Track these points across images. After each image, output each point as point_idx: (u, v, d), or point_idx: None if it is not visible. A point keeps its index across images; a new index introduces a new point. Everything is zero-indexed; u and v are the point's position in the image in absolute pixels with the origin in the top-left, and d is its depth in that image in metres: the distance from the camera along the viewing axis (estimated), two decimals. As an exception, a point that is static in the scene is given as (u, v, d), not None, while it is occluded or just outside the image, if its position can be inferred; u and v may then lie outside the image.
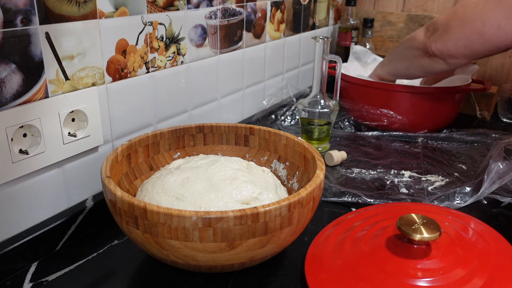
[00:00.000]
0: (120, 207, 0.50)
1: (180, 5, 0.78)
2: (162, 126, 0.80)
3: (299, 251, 0.61)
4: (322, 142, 0.95)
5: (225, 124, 0.73)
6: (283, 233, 0.51)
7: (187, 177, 0.61)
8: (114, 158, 0.60)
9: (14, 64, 0.53)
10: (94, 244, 0.63)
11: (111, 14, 0.65)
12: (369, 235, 0.59)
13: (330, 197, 0.76)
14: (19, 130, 0.56)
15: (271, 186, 0.63)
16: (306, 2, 1.23)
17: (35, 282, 0.56)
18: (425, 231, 0.54)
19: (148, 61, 0.74)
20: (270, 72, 1.13)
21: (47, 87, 0.58)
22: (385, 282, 0.51)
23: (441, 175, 0.85)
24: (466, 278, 0.51)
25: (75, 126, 0.63)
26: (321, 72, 0.91)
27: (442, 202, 0.74)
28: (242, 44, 0.98)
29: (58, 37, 0.58)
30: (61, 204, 0.64)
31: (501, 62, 1.30)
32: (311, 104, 0.93)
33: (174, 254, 0.50)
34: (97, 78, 0.65)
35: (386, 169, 0.86)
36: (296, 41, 1.23)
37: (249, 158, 0.72)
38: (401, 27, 1.42)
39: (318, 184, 0.54)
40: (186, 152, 0.72)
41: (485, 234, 0.61)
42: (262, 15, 1.03)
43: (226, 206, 0.56)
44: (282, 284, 0.56)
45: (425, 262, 0.53)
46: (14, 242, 0.57)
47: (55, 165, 0.62)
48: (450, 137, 1.02)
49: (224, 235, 0.48)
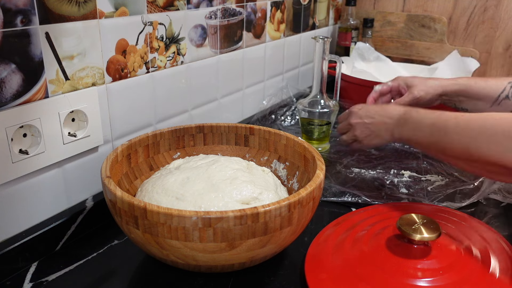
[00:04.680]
0: (120, 207, 0.50)
1: (180, 5, 0.78)
2: (162, 126, 0.80)
3: (299, 251, 0.61)
4: (322, 142, 0.95)
5: (225, 124, 0.72)
6: (283, 233, 0.51)
7: (187, 177, 0.61)
8: (114, 158, 0.59)
9: (14, 64, 0.53)
10: (94, 244, 0.63)
11: (111, 14, 0.65)
12: (369, 235, 0.59)
13: (330, 197, 0.76)
14: (19, 130, 0.56)
15: (271, 186, 0.63)
16: (306, 2, 1.23)
17: (35, 282, 0.56)
18: (425, 231, 0.54)
19: (148, 61, 0.74)
20: (270, 72, 1.13)
21: (47, 87, 0.58)
22: (385, 282, 0.51)
23: (441, 175, 0.85)
24: (466, 278, 0.51)
25: (75, 126, 0.63)
26: (321, 72, 0.91)
27: (442, 202, 0.74)
28: (242, 44, 0.98)
29: (58, 37, 0.58)
30: (61, 204, 0.64)
31: (501, 63, 1.30)
32: (311, 104, 0.93)
33: (174, 254, 0.50)
34: (97, 78, 0.65)
35: (386, 169, 0.86)
36: (296, 41, 1.23)
37: (249, 158, 0.72)
38: (401, 27, 1.42)
39: (318, 184, 0.54)
40: (186, 152, 0.72)
41: (485, 234, 0.61)
42: (262, 15, 1.03)
43: (226, 206, 0.56)
44: (282, 284, 0.56)
45: (425, 262, 0.53)
46: (14, 242, 0.57)
47: (55, 165, 0.62)
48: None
49: (224, 235, 0.48)
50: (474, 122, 0.60)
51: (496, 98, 0.81)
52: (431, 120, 0.66)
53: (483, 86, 0.81)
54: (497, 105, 0.82)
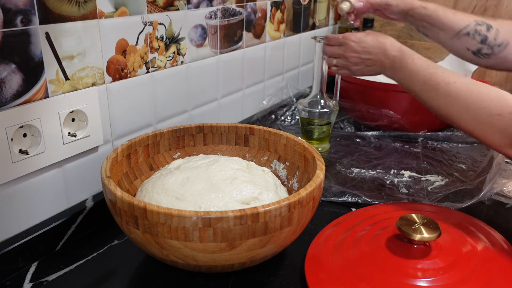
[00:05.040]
0: (120, 207, 0.50)
1: (180, 5, 0.78)
2: (162, 126, 0.80)
3: (299, 251, 0.61)
4: (322, 142, 0.95)
5: (225, 124, 0.72)
6: (283, 233, 0.51)
7: (187, 177, 0.61)
8: (114, 158, 0.59)
9: (14, 64, 0.53)
10: (94, 244, 0.63)
11: (111, 14, 0.65)
12: (369, 235, 0.59)
13: (330, 197, 0.76)
14: (19, 130, 0.56)
15: (271, 186, 0.63)
16: (306, 2, 1.23)
17: (35, 282, 0.56)
18: (425, 231, 0.54)
19: (148, 61, 0.74)
20: (270, 72, 1.13)
21: (47, 87, 0.58)
22: (385, 282, 0.51)
23: (441, 175, 0.85)
24: (466, 278, 0.51)
25: (75, 126, 0.63)
26: (321, 72, 0.91)
27: (442, 202, 0.74)
28: (242, 44, 0.98)
29: (58, 37, 0.58)
30: (61, 204, 0.64)
31: (501, 62, 1.30)
32: (311, 104, 0.93)
33: (174, 254, 0.50)
34: (97, 78, 0.65)
35: (386, 169, 0.86)
36: (296, 41, 1.23)
37: (249, 158, 0.72)
38: (401, 27, 1.42)
39: (318, 184, 0.54)
40: (186, 152, 0.72)
41: (485, 234, 0.61)
42: (262, 15, 1.03)
43: (226, 206, 0.56)
44: (282, 284, 0.56)
45: (425, 262, 0.53)
46: (14, 242, 0.57)
47: (55, 165, 0.62)
48: (450, 137, 1.02)
49: (224, 235, 0.48)
50: (463, 96, 0.63)
51: (457, 32, 0.83)
52: (424, 77, 0.69)
53: (450, 18, 0.82)
54: (457, 39, 0.83)
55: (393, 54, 0.73)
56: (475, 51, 0.83)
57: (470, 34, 0.82)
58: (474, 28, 0.81)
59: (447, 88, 0.65)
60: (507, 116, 0.59)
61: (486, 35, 0.81)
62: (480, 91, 0.62)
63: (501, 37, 0.81)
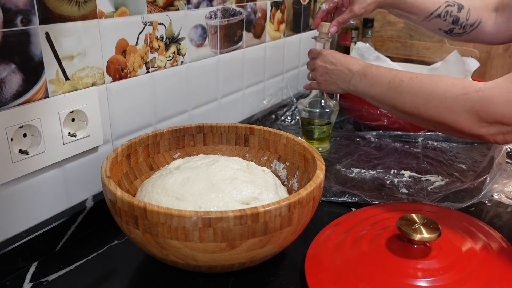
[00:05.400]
0: (120, 207, 0.50)
1: (180, 5, 0.78)
2: (162, 126, 0.80)
3: (299, 251, 0.61)
4: (322, 142, 0.95)
5: (225, 124, 0.72)
6: (283, 233, 0.51)
7: (187, 177, 0.61)
8: (114, 158, 0.59)
9: (14, 64, 0.53)
10: (94, 244, 0.63)
11: (111, 14, 0.65)
12: (369, 235, 0.59)
13: (330, 197, 0.76)
14: (19, 130, 0.56)
15: (271, 186, 0.63)
16: (306, 2, 1.23)
17: (35, 282, 0.56)
18: (425, 231, 0.54)
19: (148, 61, 0.74)
20: (270, 72, 1.13)
21: (47, 87, 0.58)
22: (385, 282, 0.51)
23: (441, 175, 0.85)
24: (466, 278, 0.51)
25: (75, 126, 0.63)
26: (321, 72, 0.91)
27: (442, 202, 0.74)
28: (242, 44, 0.98)
29: (58, 37, 0.58)
30: (61, 204, 0.64)
31: (501, 63, 1.30)
32: (311, 104, 0.93)
33: (174, 254, 0.50)
34: (97, 78, 0.65)
35: (386, 169, 0.86)
36: (296, 41, 1.23)
37: (249, 158, 0.72)
38: (401, 27, 1.42)
39: (318, 184, 0.54)
40: (186, 152, 0.72)
41: (485, 234, 0.61)
42: (262, 15, 1.03)
43: (226, 206, 0.56)
44: (282, 284, 0.56)
45: (425, 262, 0.53)
46: (14, 242, 0.57)
47: (55, 165, 0.62)
48: (450, 137, 1.02)
49: (224, 235, 0.48)
50: (427, 85, 0.64)
51: (428, 15, 0.83)
52: (388, 78, 0.70)
53: (420, 1, 0.82)
54: (427, 21, 0.84)
55: (356, 67, 0.76)
56: (447, 31, 0.84)
57: (441, 16, 0.82)
58: (445, 10, 0.81)
59: (410, 83, 0.66)
60: (473, 93, 0.59)
61: (458, 16, 0.81)
62: (443, 79, 0.64)
63: (473, 15, 0.81)
